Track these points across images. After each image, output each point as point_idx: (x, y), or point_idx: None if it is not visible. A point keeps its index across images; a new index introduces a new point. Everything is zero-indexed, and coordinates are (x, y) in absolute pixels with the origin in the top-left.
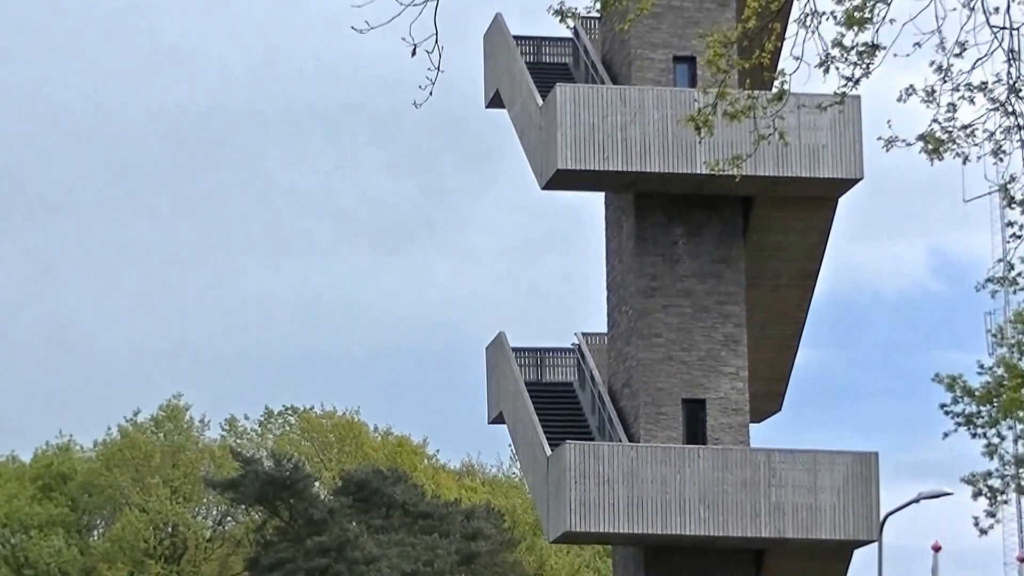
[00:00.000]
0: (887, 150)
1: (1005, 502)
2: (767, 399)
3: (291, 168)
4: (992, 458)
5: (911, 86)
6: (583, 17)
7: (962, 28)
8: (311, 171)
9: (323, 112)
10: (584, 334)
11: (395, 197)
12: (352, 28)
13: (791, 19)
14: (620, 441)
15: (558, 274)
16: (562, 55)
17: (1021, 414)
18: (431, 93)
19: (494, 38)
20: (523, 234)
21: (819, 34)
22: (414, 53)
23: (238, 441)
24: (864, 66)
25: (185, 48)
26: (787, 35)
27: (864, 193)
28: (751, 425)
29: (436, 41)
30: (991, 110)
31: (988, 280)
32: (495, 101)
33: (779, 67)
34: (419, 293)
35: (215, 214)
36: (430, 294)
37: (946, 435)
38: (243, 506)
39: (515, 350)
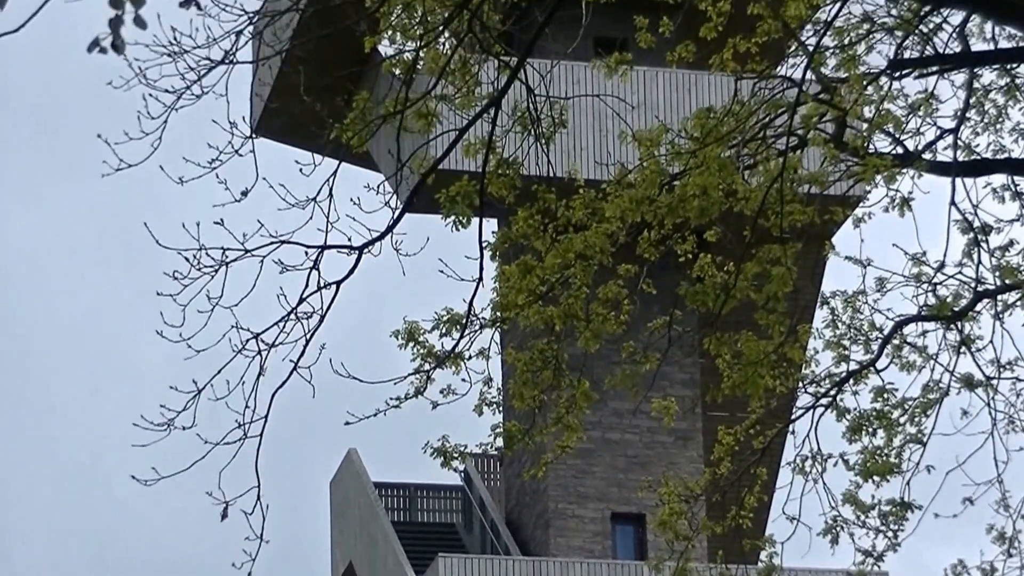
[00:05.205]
0: None
1: None
2: None
3: None
4: None
5: (961, 563)
6: (477, 456)
7: None
8: None
9: None
10: None
11: None
12: (134, 478)
13: (782, 462)
14: None
15: None
16: (447, 511)
17: None
18: (251, 574)
19: (346, 485)
20: None
21: (824, 484)
22: (225, 515)
23: None
24: (891, 533)
25: None
26: (777, 485)
27: None
28: None
29: (258, 496)
30: None
31: None
32: None
33: (766, 532)
34: None
35: None
36: None
37: None
38: None
39: None
